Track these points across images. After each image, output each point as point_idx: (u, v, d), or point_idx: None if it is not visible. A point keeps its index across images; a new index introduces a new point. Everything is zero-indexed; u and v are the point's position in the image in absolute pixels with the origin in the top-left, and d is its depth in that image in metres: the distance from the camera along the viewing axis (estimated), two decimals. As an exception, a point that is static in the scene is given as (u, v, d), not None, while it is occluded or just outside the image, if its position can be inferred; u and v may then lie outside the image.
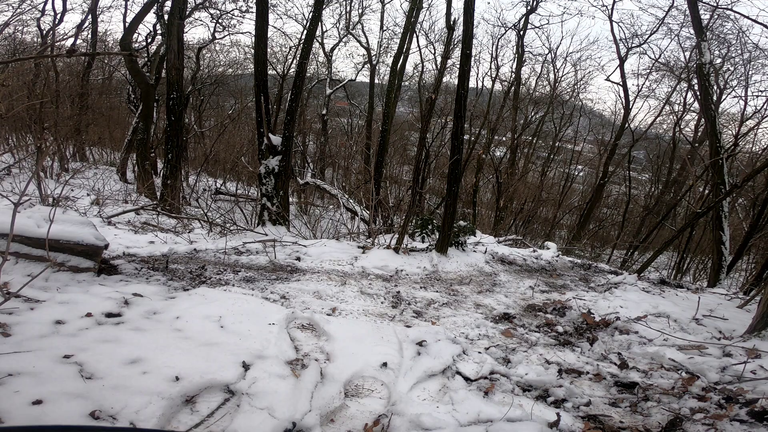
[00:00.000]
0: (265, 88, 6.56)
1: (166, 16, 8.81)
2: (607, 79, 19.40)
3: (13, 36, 12.70)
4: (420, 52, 20.96)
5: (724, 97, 10.99)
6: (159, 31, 11.21)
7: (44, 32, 12.54)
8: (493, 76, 15.28)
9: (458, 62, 4.34)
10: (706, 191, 8.05)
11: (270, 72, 11.74)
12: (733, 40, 9.33)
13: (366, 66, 15.21)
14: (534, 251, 5.16)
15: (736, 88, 11.04)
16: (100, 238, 2.55)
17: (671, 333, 2.57)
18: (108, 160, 12.69)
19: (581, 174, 18.20)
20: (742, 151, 10.99)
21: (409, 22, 11.01)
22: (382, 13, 13.92)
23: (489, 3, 35.21)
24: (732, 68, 10.69)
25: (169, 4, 8.47)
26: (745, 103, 10.67)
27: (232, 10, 12.50)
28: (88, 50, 11.81)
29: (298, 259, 3.53)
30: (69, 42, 12.97)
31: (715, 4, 7.29)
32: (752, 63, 10.00)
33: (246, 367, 1.76)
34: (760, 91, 10.78)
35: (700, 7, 6.68)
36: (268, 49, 7.30)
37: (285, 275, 3.11)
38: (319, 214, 9.15)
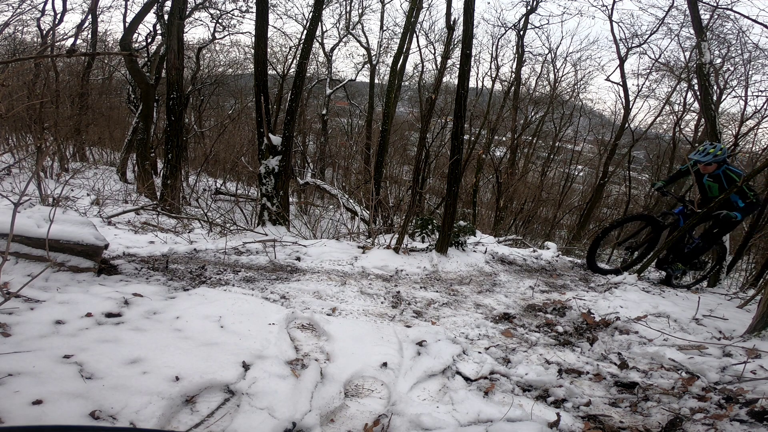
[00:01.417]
0: (265, 88, 6.56)
1: (166, 16, 8.82)
2: (607, 79, 19.45)
3: (13, 36, 12.71)
4: (420, 52, 20.99)
5: (724, 97, 11.00)
6: (159, 31, 11.22)
7: (44, 32, 12.55)
8: (493, 76, 15.31)
9: (458, 62, 4.34)
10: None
11: (270, 72, 11.75)
12: (733, 40, 9.35)
13: (366, 66, 15.23)
14: (534, 251, 5.16)
15: (736, 88, 11.06)
16: (100, 238, 2.55)
17: (671, 333, 2.57)
18: (108, 160, 12.69)
19: (581, 174, 18.22)
20: (742, 151, 11.00)
21: (409, 22, 11.02)
22: (382, 13, 13.94)
23: (489, 3, 35.24)
24: (732, 68, 10.70)
25: (169, 4, 8.47)
26: (745, 103, 10.70)
27: (232, 10, 12.53)
28: (88, 50, 11.81)
29: (298, 259, 3.53)
30: (69, 42, 13.00)
31: (715, 4, 7.30)
32: (752, 63, 10.01)
33: (246, 367, 1.76)
34: (760, 91, 10.79)
35: (700, 7, 6.68)
36: (268, 49, 7.30)
37: (285, 275, 3.11)
38: (319, 214, 9.15)
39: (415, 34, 12.77)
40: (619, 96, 17.85)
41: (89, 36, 12.61)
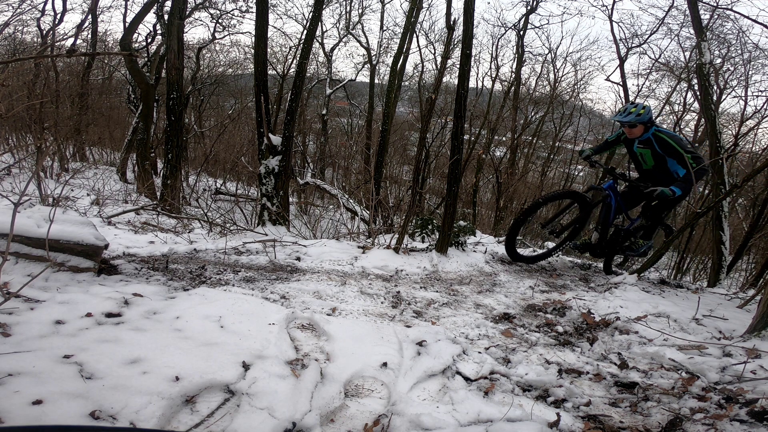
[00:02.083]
0: (265, 88, 6.56)
1: (166, 16, 8.82)
2: (607, 79, 19.47)
3: (13, 36, 12.72)
4: (420, 52, 21.01)
5: (724, 97, 11.01)
6: (159, 31, 11.23)
7: (44, 32, 12.57)
8: (493, 76, 15.34)
9: (458, 62, 4.34)
10: (706, 191, 8.06)
11: (270, 72, 11.75)
12: (733, 40, 9.35)
13: (366, 66, 15.24)
14: (534, 251, 5.16)
15: (736, 88, 11.07)
16: (100, 238, 2.55)
17: (671, 333, 2.57)
18: (108, 160, 12.69)
19: (581, 174, 18.22)
20: (742, 151, 11.01)
21: (409, 22, 11.03)
22: (382, 13, 13.96)
23: (489, 3, 35.31)
24: (732, 68, 10.71)
25: (169, 4, 8.48)
26: (745, 103, 10.71)
27: (232, 10, 12.55)
28: (88, 50, 11.82)
29: (298, 259, 3.53)
30: (69, 42, 13.01)
31: (715, 4, 7.29)
32: (752, 63, 10.02)
33: (246, 367, 1.76)
34: (760, 91, 10.79)
35: (700, 7, 6.67)
36: (268, 49, 7.30)
37: (285, 275, 3.10)
38: (319, 214, 9.15)
39: (415, 34, 12.79)
40: (619, 96, 17.82)
41: (89, 36, 12.62)
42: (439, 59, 14.36)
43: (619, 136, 3.93)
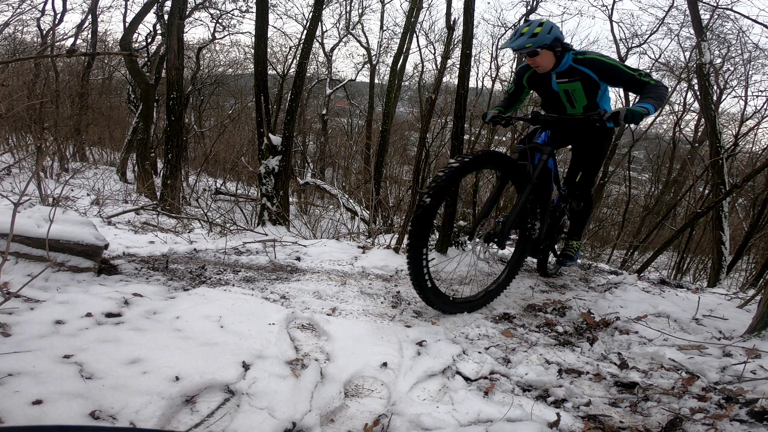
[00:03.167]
0: (265, 88, 6.57)
1: (166, 16, 8.83)
2: (607, 79, 19.40)
3: (13, 36, 12.73)
4: (420, 52, 21.07)
5: (724, 97, 11.05)
6: (159, 31, 11.23)
7: (44, 32, 12.58)
8: (493, 76, 15.31)
9: (458, 62, 4.33)
10: (706, 191, 8.06)
11: (270, 72, 11.75)
12: (733, 40, 9.38)
13: (366, 66, 15.26)
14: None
15: (736, 88, 11.10)
16: (100, 238, 2.55)
17: (671, 333, 2.57)
18: (108, 160, 12.70)
19: (581, 174, 18.14)
20: (742, 151, 11.02)
21: (409, 22, 11.04)
22: (382, 13, 13.99)
23: (489, 3, 35.33)
24: (732, 68, 10.73)
25: (169, 4, 8.49)
26: (745, 103, 10.73)
27: (232, 10, 12.58)
28: (88, 50, 11.82)
29: (298, 259, 3.53)
30: (69, 42, 13.02)
31: (715, 4, 7.30)
32: (752, 63, 10.04)
33: (246, 367, 1.76)
34: (760, 91, 10.83)
35: (700, 7, 6.68)
36: (268, 49, 7.30)
37: (285, 275, 3.10)
38: (319, 214, 9.15)
39: (415, 34, 12.80)
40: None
41: (89, 36, 12.64)
42: (439, 59, 14.39)
43: (519, 80, 2.78)
